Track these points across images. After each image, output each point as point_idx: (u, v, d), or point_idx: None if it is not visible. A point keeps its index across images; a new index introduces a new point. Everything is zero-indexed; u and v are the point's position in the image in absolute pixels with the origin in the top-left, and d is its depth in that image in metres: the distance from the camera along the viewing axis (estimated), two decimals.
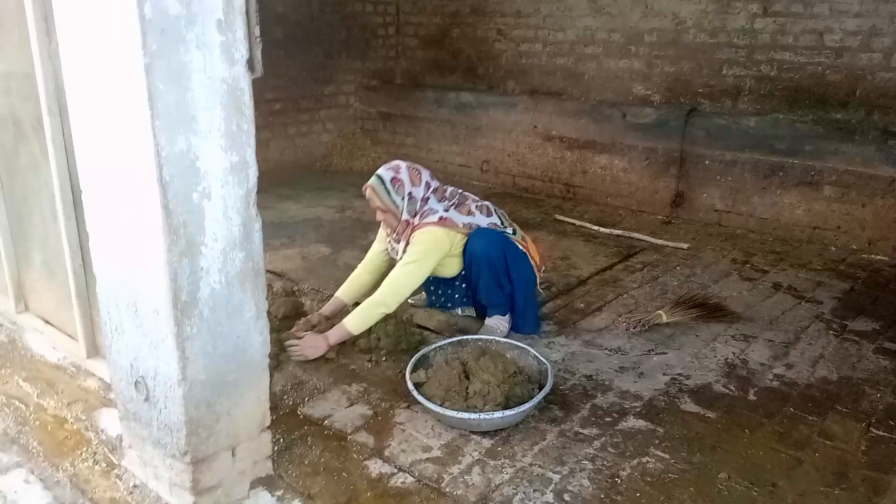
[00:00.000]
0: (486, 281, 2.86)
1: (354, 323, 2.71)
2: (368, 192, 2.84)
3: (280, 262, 3.87)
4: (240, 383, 1.86)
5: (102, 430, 2.25)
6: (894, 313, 3.28)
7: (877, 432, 2.33)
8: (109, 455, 2.14)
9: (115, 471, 2.07)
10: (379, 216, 2.89)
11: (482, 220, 2.89)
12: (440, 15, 6.30)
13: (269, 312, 1.91)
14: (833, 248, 4.23)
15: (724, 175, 4.64)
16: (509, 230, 2.95)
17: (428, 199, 2.86)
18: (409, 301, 3.31)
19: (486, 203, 2.99)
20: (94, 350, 2.53)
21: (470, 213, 2.88)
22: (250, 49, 1.63)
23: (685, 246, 4.24)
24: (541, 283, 3.58)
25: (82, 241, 2.36)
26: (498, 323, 2.95)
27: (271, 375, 1.97)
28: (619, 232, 4.51)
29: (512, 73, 5.95)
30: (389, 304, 2.72)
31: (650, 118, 4.89)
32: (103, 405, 2.37)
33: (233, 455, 1.90)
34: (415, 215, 2.83)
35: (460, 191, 2.98)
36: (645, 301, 3.42)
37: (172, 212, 1.57)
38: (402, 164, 2.87)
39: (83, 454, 2.14)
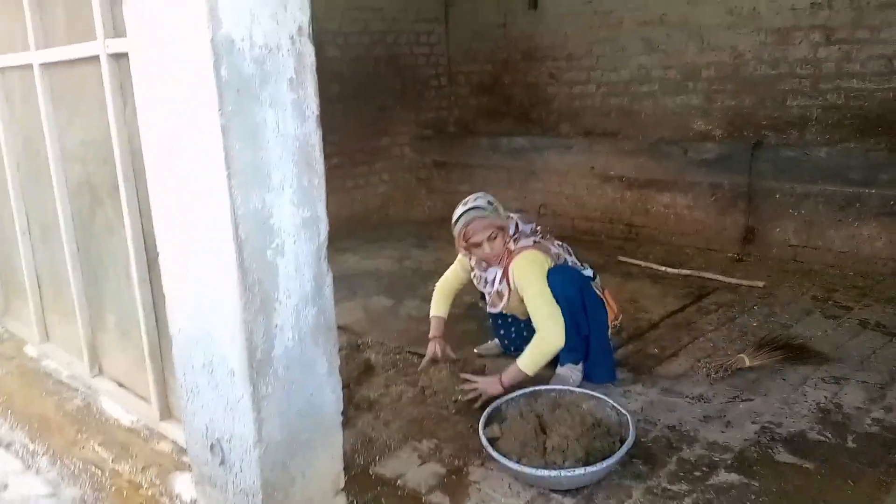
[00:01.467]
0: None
1: (528, 364, 2.62)
2: (478, 225, 2.69)
3: (342, 315, 3.83)
4: (313, 443, 1.81)
5: (177, 496, 2.22)
6: None
7: None
8: None
9: None
10: (486, 249, 2.72)
11: (567, 258, 2.84)
12: (491, 63, 6.36)
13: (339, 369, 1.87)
14: None
15: (797, 208, 4.45)
16: (589, 271, 2.88)
17: (518, 224, 2.82)
18: (476, 351, 3.24)
19: (566, 245, 2.95)
20: (167, 412, 2.53)
21: (556, 245, 2.86)
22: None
23: (761, 284, 4.05)
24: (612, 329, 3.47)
25: (156, 302, 2.38)
26: (570, 372, 2.84)
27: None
28: (688, 272, 4.35)
29: (565, 116, 5.92)
30: (554, 333, 2.62)
31: (713, 153, 4.77)
32: (177, 469, 2.35)
33: None
34: (506, 244, 2.78)
35: (540, 228, 2.95)
36: (724, 344, 3.26)
37: (248, 269, 1.57)
38: (481, 193, 2.83)
39: None
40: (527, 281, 2.70)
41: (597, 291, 2.85)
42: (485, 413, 2.41)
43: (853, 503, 2.05)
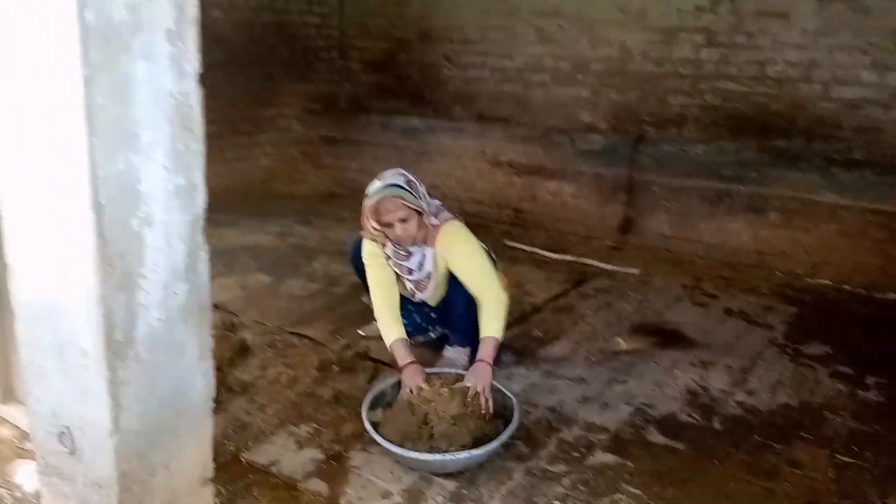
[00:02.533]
0: (461, 303, 2.67)
1: (497, 329, 2.51)
2: (390, 204, 2.51)
3: (217, 293, 3.61)
4: (179, 431, 1.66)
5: (18, 487, 1.99)
6: (843, 337, 3.32)
7: (842, 458, 2.30)
8: None
9: None
10: (397, 230, 2.55)
11: None
12: (386, 40, 6.21)
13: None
14: (779, 273, 4.29)
15: (672, 201, 4.67)
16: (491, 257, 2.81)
17: (430, 201, 2.71)
18: (360, 332, 3.15)
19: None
20: (9, 394, 2.27)
21: None
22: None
23: (636, 271, 4.23)
24: None
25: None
26: (457, 355, 2.82)
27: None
28: (571, 258, 4.47)
29: (459, 99, 5.90)
30: (501, 295, 2.56)
31: (599, 145, 4.91)
32: (18, 457, 2.12)
33: None
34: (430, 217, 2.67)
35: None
36: (602, 328, 3.36)
37: (108, 239, 1.39)
38: (399, 169, 2.68)
39: None
40: (459, 246, 2.63)
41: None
42: (367, 396, 2.34)
43: (721, 483, 2.16)
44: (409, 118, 5.87)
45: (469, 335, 2.75)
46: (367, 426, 2.18)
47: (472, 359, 2.77)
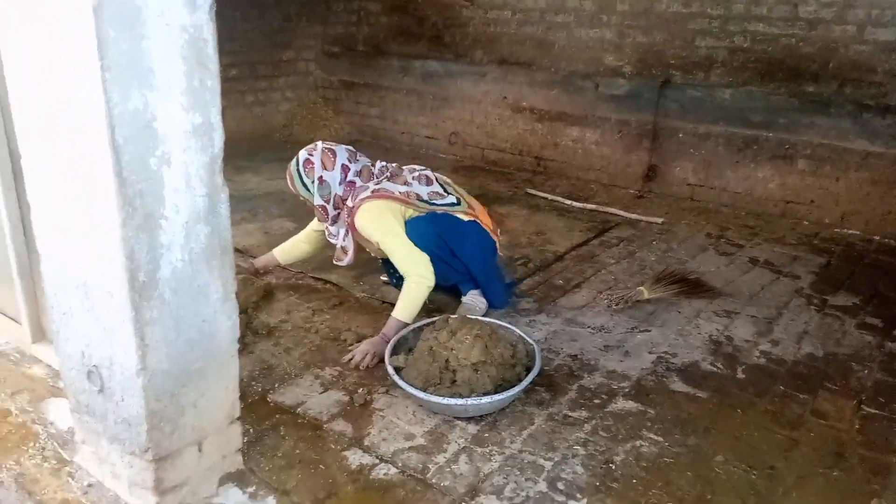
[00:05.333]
0: (438, 267, 2.62)
1: (403, 313, 2.52)
2: (287, 174, 2.73)
3: (241, 238, 3.65)
4: (206, 372, 1.68)
5: (51, 423, 2.04)
6: (872, 288, 3.26)
7: (868, 409, 2.28)
8: (60, 451, 1.93)
9: (67, 468, 1.87)
10: (308, 204, 2.75)
11: (422, 190, 2.69)
12: None
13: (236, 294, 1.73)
14: (806, 223, 4.20)
15: (698, 148, 4.56)
16: (451, 198, 2.74)
17: (353, 182, 2.67)
18: (382, 278, 3.15)
19: (426, 173, 2.79)
20: (40, 334, 2.31)
21: (406, 183, 2.70)
22: None
23: (659, 220, 4.16)
24: (516, 259, 3.47)
25: (24, 214, 2.12)
26: (474, 299, 2.81)
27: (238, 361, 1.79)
28: (593, 206, 4.41)
29: (480, 42, 5.75)
30: (423, 274, 2.54)
31: (623, 90, 4.78)
32: (52, 395, 2.16)
33: (199, 450, 1.73)
34: (344, 200, 2.66)
35: (394, 164, 2.80)
36: (624, 277, 3.33)
37: (127, 180, 1.37)
38: (319, 146, 2.69)
39: (30, 450, 1.94)
40: (375, 234, 2.60)
41: (461, 217, 2.72)
42: (391, 342, 2.34)
43: (744, 431, 2.15)
44: (428, 62, 5.74)
45: (469, 279, 2.82)
46: (390, 370, 2.19)
47: (487, 297, 2.85)
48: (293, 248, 3.04)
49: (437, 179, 2.78)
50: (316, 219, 2.90)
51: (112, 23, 1.27)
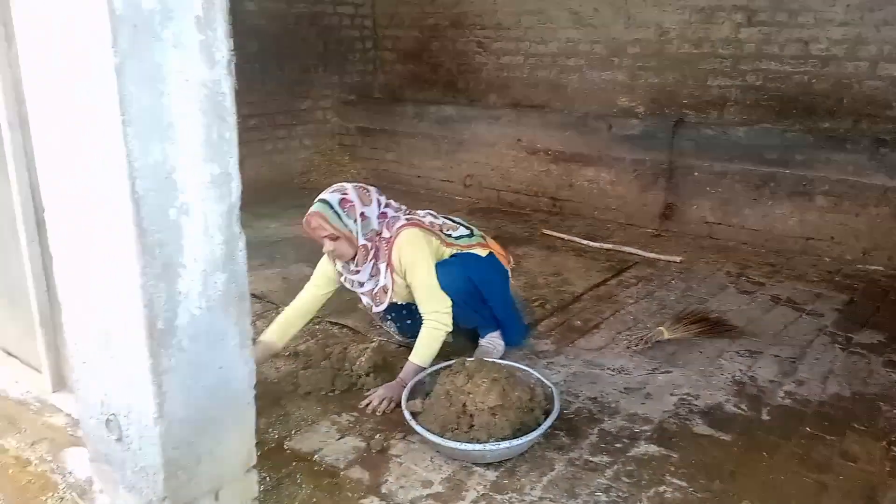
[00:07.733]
0: (461, 311, 2.61)
1: (422, 356, 2.51)
2: (314, 221, 2.48)
3: (259, 283, 3.68)
4: (223, 419, 1.68)
5: (70, 473, 2.04)
6: None
7: None
8: (78, 500, 1.94)
9: None
10: (327, 247, 2.54)
11: (434, 220, 2.72)
12: (418, 28, 6.19)
13: (254, 340, 1.74)
14: (827, 259, 4.15)
15: (714, 186, 4.55)
16: (462, 230, 2.74)
17: (385, 213, 2.62)
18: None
19: (429, 211, 2.79)
20: (60, 383, 2.33)
21: (422, 212, 2.74)
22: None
23: (678, 259, 4.14)
24: (533, 300, 3.46)
25: (46, 265, 2.16)
26: (492, 342, 2.80)
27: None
28: (610, 246, 4.39)
29: (493, 87, 5.85)
30: (443, 320, 2.54)
31: (636, 130, 4.81)
32: (71, 444, 2.16)
33: (216, 499, 1.71)
34: (378, 234, 2.58)
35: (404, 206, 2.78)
36: (643, 317, 3.30)
37: (147, 230, 1.40)
38: (348, 185, 2.60)
39: (49, 500, 1.94)
40: (416, 264, 2.54)
41: (480, 253, 2.70)
42: (407, 386, 2.33)
43: (771, 476, 2.09)
44: (443, 107, 5.84)
45: (489, 326, 2.80)
46: (407, 416, 2.17)
47: (505, 338, 2.83)
48: (288, 327, 2.72)
49: (441, 216, 2.80)
50: (318, 273, 2.77)
51: (133, 79, 1.32)
